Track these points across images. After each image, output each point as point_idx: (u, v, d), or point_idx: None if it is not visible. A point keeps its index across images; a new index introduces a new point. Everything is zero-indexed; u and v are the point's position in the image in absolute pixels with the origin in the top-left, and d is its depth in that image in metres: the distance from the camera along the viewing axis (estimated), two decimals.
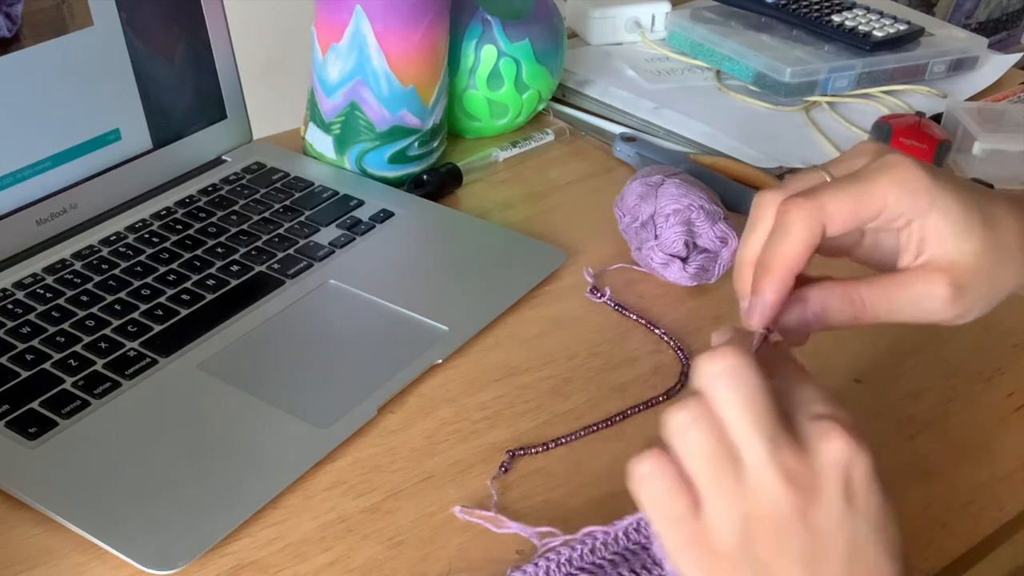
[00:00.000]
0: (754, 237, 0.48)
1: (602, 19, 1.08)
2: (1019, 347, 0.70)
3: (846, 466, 0.40)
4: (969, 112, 0.91)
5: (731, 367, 0.40)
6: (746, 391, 0.40)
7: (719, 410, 0.40)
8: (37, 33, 0.71)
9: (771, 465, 0.40)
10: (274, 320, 0.69)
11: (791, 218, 0.45)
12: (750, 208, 0.48)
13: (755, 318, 0.46)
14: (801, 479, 0.40)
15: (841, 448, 0.40)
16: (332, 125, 0.83)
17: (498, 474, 0.59)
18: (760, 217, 0.48)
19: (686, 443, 0.41)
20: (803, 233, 0.45)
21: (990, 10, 2.14)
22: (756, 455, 0.40)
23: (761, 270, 0.46)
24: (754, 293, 0.46)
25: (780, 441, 0.40)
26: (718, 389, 0.41)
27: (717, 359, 0.41)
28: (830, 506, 0.40)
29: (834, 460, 0.40)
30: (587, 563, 0.52)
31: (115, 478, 0.57)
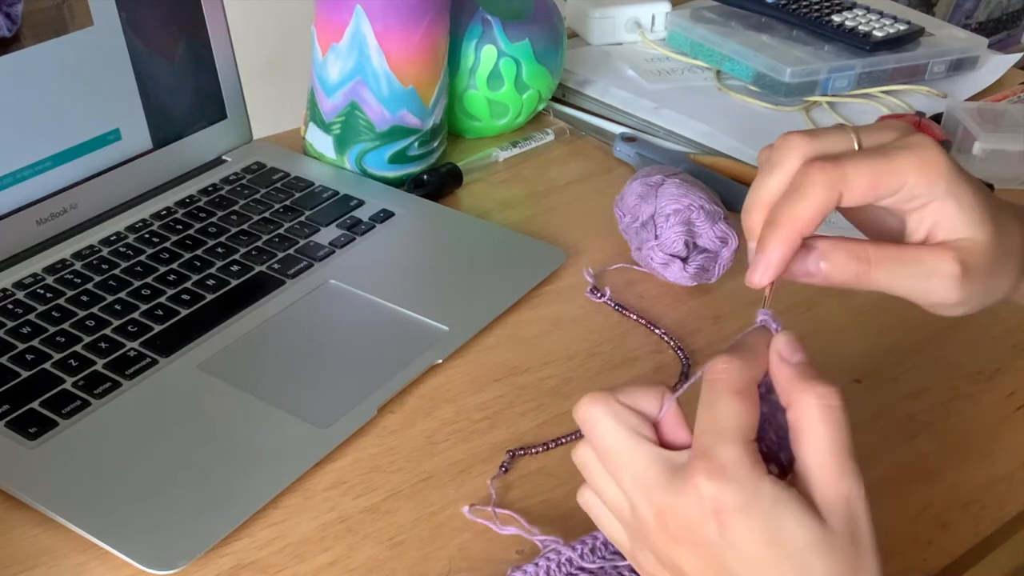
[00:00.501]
0: (772, 179, 0.46)
1: (602, 19, 1.08)
2: (1019, 347, 0.70)
3: (712, 508, 0.40)
4: (969, 112, 0.91)
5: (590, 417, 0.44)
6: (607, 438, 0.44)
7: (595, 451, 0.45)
8: (37, 33, 0.71)
9: (642, 506, 0.42)
10: (274, 320, 0.69)
11: (811, 180, 0.44)
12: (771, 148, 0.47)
13: (757, 275, 0.45)
14: (670, 520, 0.41)
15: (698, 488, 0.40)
16: (332, 125, 0.83)
17: (498, 474, 0.59)
18: (780, 160, 0.46)
19: (590, 478, 0.46)
20: (820, 197, 0.44)
21: (990, 10, 2.14)
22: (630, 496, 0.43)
23: (770, 227, 0.45)
24: (759, 250, 0.45)
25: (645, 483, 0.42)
26: (587, 434, 0.45)
27: (580, 406, 0.45)
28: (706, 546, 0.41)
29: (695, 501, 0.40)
30: (587, 563, 0.52)
31: (115, 478, 0.57)
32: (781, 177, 0.46)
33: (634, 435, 0.43)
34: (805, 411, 0.41)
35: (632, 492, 0.43)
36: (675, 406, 0.44)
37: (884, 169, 0.45)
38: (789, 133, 0.47)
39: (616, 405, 0.44)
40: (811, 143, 0.46)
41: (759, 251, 0.45)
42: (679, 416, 0.44)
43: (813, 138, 0.46)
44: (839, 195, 0.44)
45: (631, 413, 0.44)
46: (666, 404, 0.44)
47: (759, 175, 0.47)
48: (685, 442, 0.44)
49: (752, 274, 0.46)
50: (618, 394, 0.45)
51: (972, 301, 0.47)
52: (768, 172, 0.47)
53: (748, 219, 0.47)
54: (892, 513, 0.57)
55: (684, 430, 0.44)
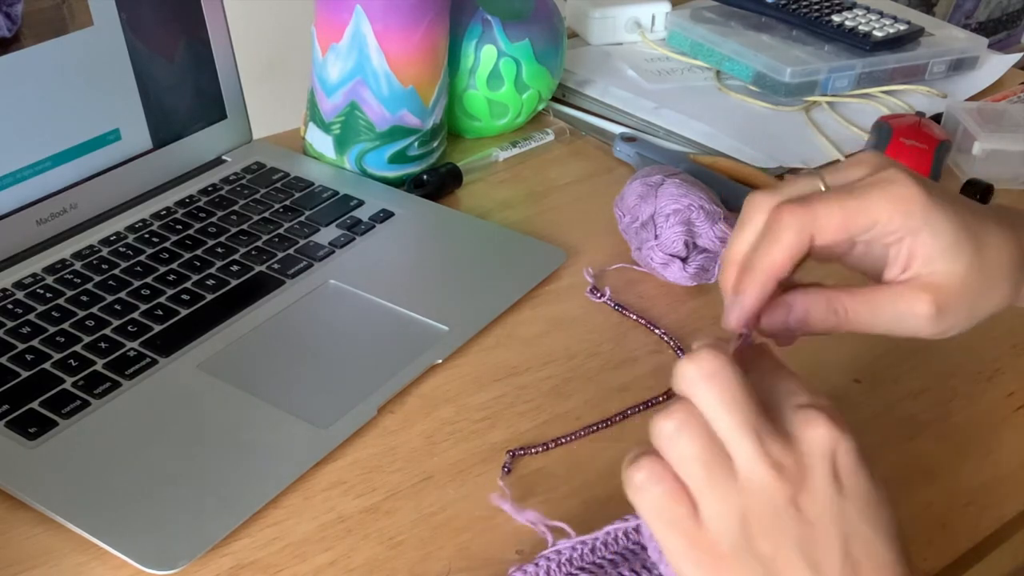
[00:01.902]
0: (742, 237, 0.48)
1: (602, 19, 1.08)
2: (1019, 347, 0.70)
3: (831, 451, 0.41)
4: (969, 112, 0.91)
5: (709, 369, 0.41)
6: (726, 391, 0.41)
7: (703, 412, 0.41)
8: (37, 33, 0.71)
9: (759, 458, 0.40)
10: (274, 320, 0.69)
11: (782, 224, 0.46)
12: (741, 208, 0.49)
13: (733, 318, 0.47)
14: (789, 468, 0.40)
15: (824, 434, 0.41)
16: (332, 125, 0.83)
17: (501, 474, 0.59)
18: (749, 218, 0.48)
19: (676, 448, 0.41)
20: (791, 240, 0.45)
21: (990, 10, 2.14)
22: (744, 451, 0.40)
23: (745, 272, 0.47)
24: (735, 292, 0.47)
25: (765, 434, 0.41)
26: (699, 392, 0.41)
27: (695, 363, 0.41)
28: (819, 492, 0.40)
29: (819, 446, 0.41)
30: (587, 563, 0.52)
31: (115, 478, 0.57)
32: (751, 233, 0.47)
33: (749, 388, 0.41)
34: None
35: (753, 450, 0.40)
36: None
37: (854, 207, 0.45)
38: (755, 192, 0.48)
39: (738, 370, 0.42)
40: (777, 195, 0.47)
41: (735, 293, 0.47)
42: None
43: (778, 190, 0.48)
44: (811, 236, 0.45)
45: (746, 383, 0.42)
46: None
47: (731, 235, 0.49)
48: None
49: (727, 318, 0.47)
50: None
51: (955, 328, 0.48)
52: (739, 230, 0.48)
53: (722, 278, 0.49)
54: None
55: None
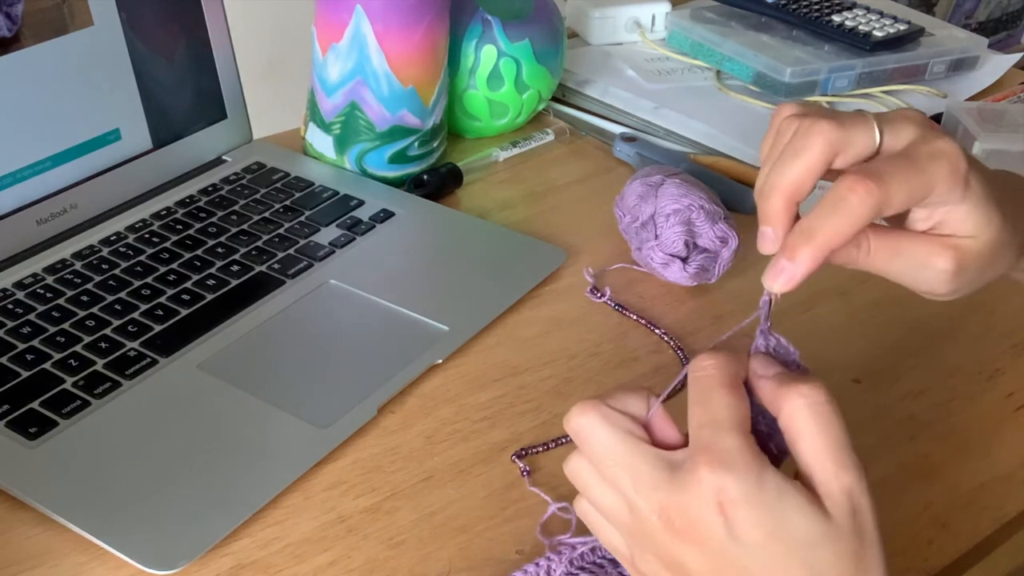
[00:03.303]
0: (794, 167, 0.44)
1: (602, 19, 1.08)
2: (1019, 347, 0.70)
3: (716, 500, 0.40)
4: (969, 112, 0.91)
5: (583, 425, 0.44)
6: (602, 444, 0.43)
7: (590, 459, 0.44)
8: (37, 33, 0.71)
9: (643, 507, 0.42)
10: (274, 320, 0.69)
11: (856, 199, 0.43)
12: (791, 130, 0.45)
13: (779, 283, 0.44)
14: (674, 517, 0.41)
15: (702, 481, 0.40)
16: (332, 125, 0.83)
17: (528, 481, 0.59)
18: (805, 147, 0.44)
19: (585, 488, 0.45)
20: (864, 217, 0.43)
21: (990, 10, 2.14)
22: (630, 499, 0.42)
23: (803, 237, 0.43)
24: (788, 258, 0.44)
25: (646, 483, 0.42)
26: (580, 443, 0.44)
27: (572, 416, 0.44)
28: (712, 541, 0.40)
29: (699, 494, 0.40)
30: (587, 563, 0.52)
31: (115, 478, 0.57)
32: (804, 166, 0.44)
33: (630, 437, 0.43)
34: (794, 413, 0.41)
35: (632, 495, 0.42)
36: (661, 407, 0.44)
37: (919, 183, 0.44)
38: (814, 116, 0.45)
39: (607, 410, 0.44)
40: (838, 131, 0.44)
41: (787, 258, 0.44)
42: (666, 416, 0.44)
43: (839, 126, 0.44)
44: (880, 213, 0.44)
45: (623, 416, 0.44)
46: (653, 405, 0.44)
47: (782, 157, 0.45)
48: (676, 442, 0.44)
49: (774, 280, 0.44)
50: (607, 399, 0.44)
51: (964, 289, 0.48)
52: (792, 157, 0.44)
53: (766, 203, 0.45)
54: (892, 513, 0.57)
55: (674, 429, 0.44)
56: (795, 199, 0.45)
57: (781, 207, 0.45)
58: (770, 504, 0.39)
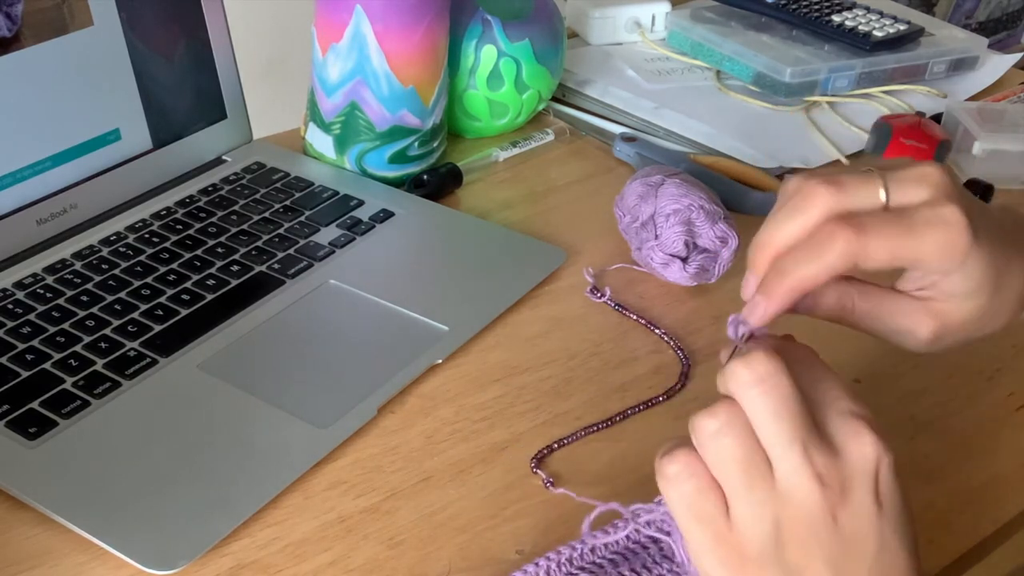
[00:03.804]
0: (788, 226, 0.45)
1: (602, 19, 1.08)
2: (1019, 347, 0.70)
3: (875, 466, 0.41)
4: (969, 112, 0.91)
5: (765, 374, 0.41)
6: (778, 399, 0.41)
7: (750, 416, 0.41)
8: (37, 33, 0.71)
9: (803, 469, 0.40)
10: (274, 320, 0.69)
11: (833, 245, 0.43)
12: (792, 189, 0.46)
13: (755, 316, 0.45)
14: (832, 480, 0.40)
15: (871, 449, 0.41)
16: (332, 125, 0.83)
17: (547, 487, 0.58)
18: (802, 208, 0.45)
19: (716, 448, 0.41)
20: (836, 263, 0.43)
21: (990, 10, 2.14)
22: (788, 461, 0.40)
23: (779, 276, 0.45)
24: (762, 292, 0.45)
25: (810, 445, 0.40)
26: (751, 397, 0.41)
27: (748, 366, 0.41)
28: (860, 506, 0.40)
29: (864, 461, 0.41)
30: (587, 563, 0.52)
31: (115, 478, 0.57)
32: (798, 227, 0.45)
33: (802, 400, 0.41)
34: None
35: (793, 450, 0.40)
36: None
37: (906, 245, 0.44)
38: (816, 181, 0.45)
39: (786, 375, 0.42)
40: (838, 198, 0.44)
41: (762, 294, 0.45)
42: None
43: (840, 191, 0.44)
44: (855, 263, 0.44)
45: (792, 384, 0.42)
46: None
47: (779, 214, 0.46)
48: None
49: (750, 314, 0.46)
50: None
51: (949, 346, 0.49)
52: (787, 216, 0.45)
53: (755, 256, 0.46)
54: None
55: None
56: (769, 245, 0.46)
57: (767, 261, 0.46)
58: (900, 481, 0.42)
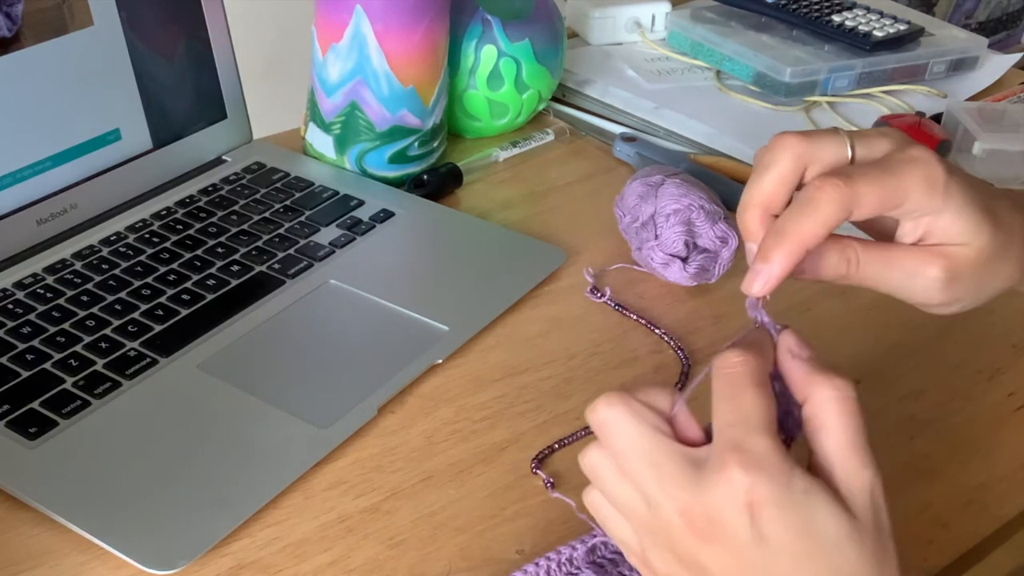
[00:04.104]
0: (764, 179, 0.46)
1: (602, 19, 1.08)
2: (1019, 347, 0.70)
3: (745, 500, 0.39)
4: (969, 112, 0.91)
5: (609, 417, 0.43)
6: (628, 437, 0.42)
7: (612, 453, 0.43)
8: (37, 33, 0.71)
9: (665, 505, 0.41)
10: (274, 320, 0.69)
11: (824, 197, 0.44)
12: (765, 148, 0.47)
13: (757, 285, 0.45)
14: (697, 517, 0.40)
15: (732, 481, 0.39)
16: (332, 125, 0.83)
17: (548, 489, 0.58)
18: (773, 160, 0.46)
19: (601, 481, 0.44)
20: (832, 215, 0.44)
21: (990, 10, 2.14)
22: (651, 496, 0.41)
23: (776, 238, 0.45)
24: (761, 260, 0.45)
25: (670, 481, 0.41)
26: (604, 436, 0.43)
27: (598, 408, 0.43)
28: (736, 541, 0.39)
29: (727, 494, 0.39)
30: (587, 563, 0.52)
31: (115, 478, 0.57)
32: (773, 177, 0.46)
33: (657, 433, 0.42)
34: (823, 405, 0.41)
35: (655, 492, 0.41)
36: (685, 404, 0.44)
37: (891, 186, 0.45)
38: (783, 133, 0.47)
39: (636, 404, 0.43)
40: (804, 144, 0.46)
41: (762, 260, 0.45)
42: (689, 413, 0.44)
43: (807, 139, 0.46)
44: (849, 212, 0.44)
45: (650, 411, 0.43)
46: (678, 402, 0.43)
47: (753, 174, 0.47)
48: (698, 439, 0.43)
49: (752, 283, 0.45)
50: (634, 392, 0.44)
51: (963, 301, 0.48)
52: (762, 171, 0.47)
53: (743, 219, 0.47)
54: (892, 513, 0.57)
55: (696, 427, 0.43)
56: (769, 211, 0.47)
57: (757, 221, 0.46)
58: (799, 504, 0.39)
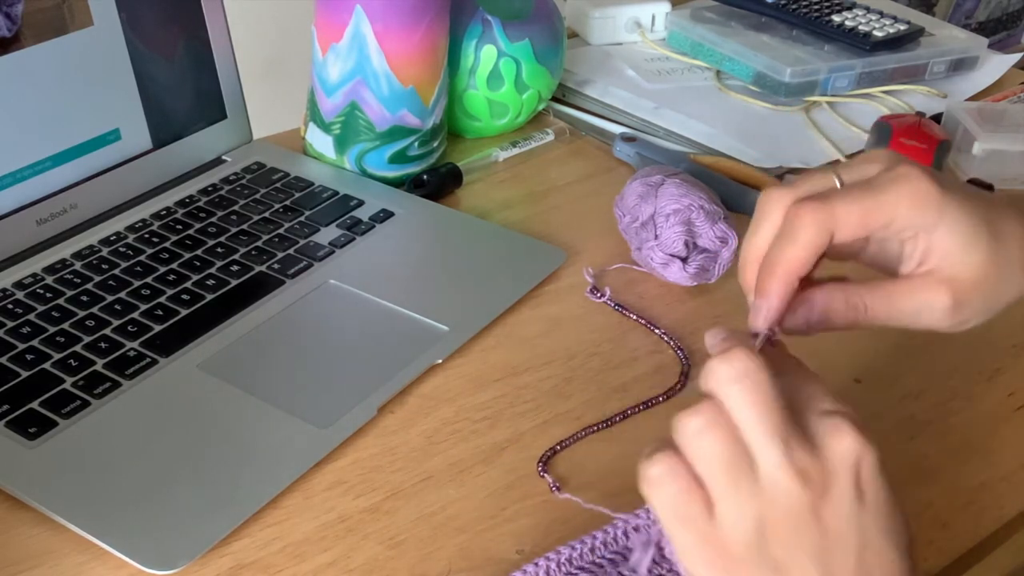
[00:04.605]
0: (760, 234, 0.47)
1: (602, 19, 1.08)
2: (1019, 347, 0.70)
3: (856, 462, 0.41)
4: (969, 112, 0.91)
5: (744, 371, 0.41)
6: (759, 395, 0.40)
7: (732, 414, 0.41)
8: (37, 33, 0.71)
9: (785, 465, 0.40)
10: (274, 320, 0.69)
11: (801, 222, 0.45)
12: (756, 205, 0.48)
13: (760, 320, 0.46)
14: (814, 477, 0.40)
15: (851, 444, 0.41)
16: (332, 125, 0.83)
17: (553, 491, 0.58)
18: (766, 215, 0.47)
19: (700, 447, 0.41)
20: (812, 238, 0.45)
21: (990, 10, 2.14)
22: (770, 457, 0.40)
23: (766, 272, 0.46)
24: (759, 296, 0.46)
25: (792, 441, 0.40)
26: (731, 394, 0.41)
27: (727, 363, 0.41)
28: (841, 502, 0.40)
29: (845, 456, 0.41)
30: (587, 563, 0.52)
31: (115, 478, 0.57)
32: (767, 230, 0.47)
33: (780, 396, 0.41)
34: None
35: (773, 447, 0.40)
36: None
37: (872, 204, 0.45)
38: (770, 188, 0.48)
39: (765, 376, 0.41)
40: (791, 192, 0.47)
41: (758, 296, 0.46)
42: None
43: (794, 187, 0.47)
44: (830, 233, 0.45)
45: None
46: None
47: (747, 234, 0.48)
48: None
49: (755, 320, 0.47)
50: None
51: (973, 319, 0.48)
52: (756, 228, 0.48)
53: (743, 276, 0.48)
54: None
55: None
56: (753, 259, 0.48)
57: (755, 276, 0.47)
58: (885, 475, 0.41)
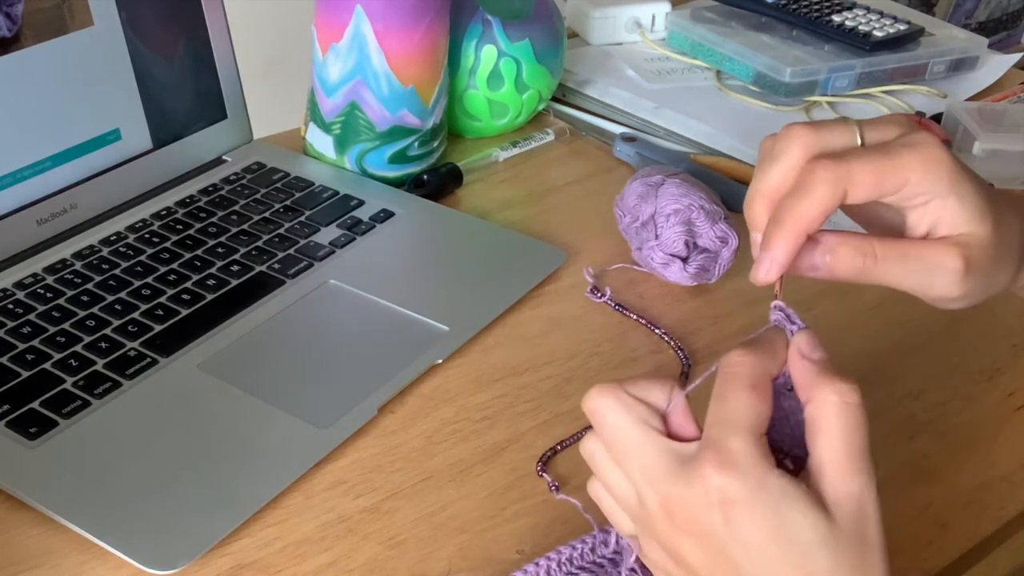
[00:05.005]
0: (773, 171, 0.46)
1: (602, 19, 1.08)
2: (1019, 347, 0.70)
3: (718, 498, 0.40)
4: (969, 112, 0.91)
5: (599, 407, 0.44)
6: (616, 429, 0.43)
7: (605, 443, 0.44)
8: (37, 33, 0.71)
9: (649, 496, 0.42)
10: (274, 320, 0.69)
11: (817, 178, 0.44)
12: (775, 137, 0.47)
13: (762, 272, 0.45)
14: (677, 510, 0.41)
15: (705, 479, 0.40)
16: (332, 125, 0.83)
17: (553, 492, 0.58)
18: (783, 151, 0.46)
19: (598, 470, 0.45)
20: (825, 196, 0.44)
21: (990, 10, 2.14)
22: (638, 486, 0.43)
23: (775, 224, 0.45)
24: (764, 248, 0.45)
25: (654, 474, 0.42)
26: (596, 425, 0.45)
27: (590, 397, 0.44)
28: (711, 538, 0.40)
29: (701, 492, 0.40)
30: (587, 563, 0.52)
31: (115, 478, 0.57)
32: (783, 168, 0.46)
33: (643, 425, 0.43)
34: (822, 407, 0.41)
35: (640, 482, 0.43)
36: (683, 400, 0.44)
37: (888, 167, 0.45)
38: (793, 124, 0.47)
39: (625, 396, 0.44)
40: (814, 135, 0.46)
41: (764, 248, 0.45)
42: (686, 409, 0.44)
43: (816, 130, 0.46)
44: (844, 193, 0.44)
45: (640, 404, 0.44)
46: (674, 397, 0.44)
47: (760, 165, 0.47)
48: (692, 435, 0.43)
49: (757, 271, 0.45)
50: (627, 385, 0.44)
51: (973, 295, 0.48)
52: (770, 163, 0.46)
53: (750, 210, 0.47)
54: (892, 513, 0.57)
55: (691, 424, 0.44)
56: (776, 202, 0.46)
57: (764, 211, 0.46)
58: (771, 506, 0.39)
